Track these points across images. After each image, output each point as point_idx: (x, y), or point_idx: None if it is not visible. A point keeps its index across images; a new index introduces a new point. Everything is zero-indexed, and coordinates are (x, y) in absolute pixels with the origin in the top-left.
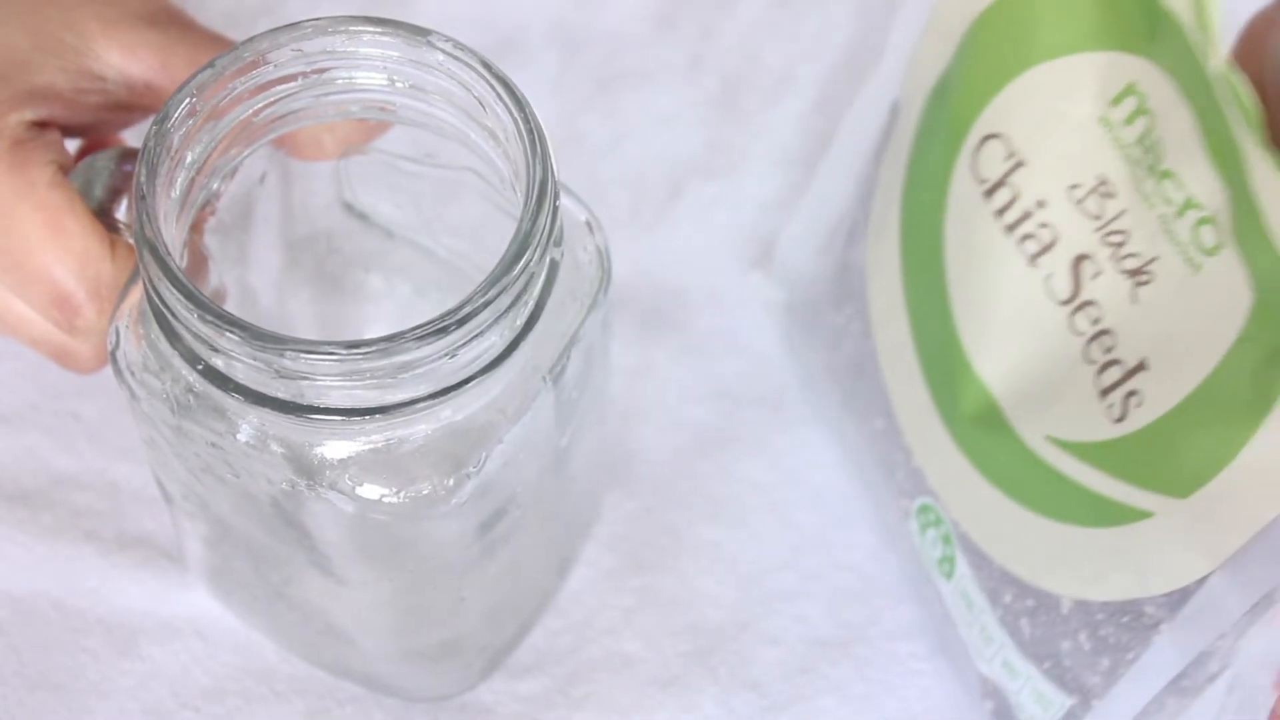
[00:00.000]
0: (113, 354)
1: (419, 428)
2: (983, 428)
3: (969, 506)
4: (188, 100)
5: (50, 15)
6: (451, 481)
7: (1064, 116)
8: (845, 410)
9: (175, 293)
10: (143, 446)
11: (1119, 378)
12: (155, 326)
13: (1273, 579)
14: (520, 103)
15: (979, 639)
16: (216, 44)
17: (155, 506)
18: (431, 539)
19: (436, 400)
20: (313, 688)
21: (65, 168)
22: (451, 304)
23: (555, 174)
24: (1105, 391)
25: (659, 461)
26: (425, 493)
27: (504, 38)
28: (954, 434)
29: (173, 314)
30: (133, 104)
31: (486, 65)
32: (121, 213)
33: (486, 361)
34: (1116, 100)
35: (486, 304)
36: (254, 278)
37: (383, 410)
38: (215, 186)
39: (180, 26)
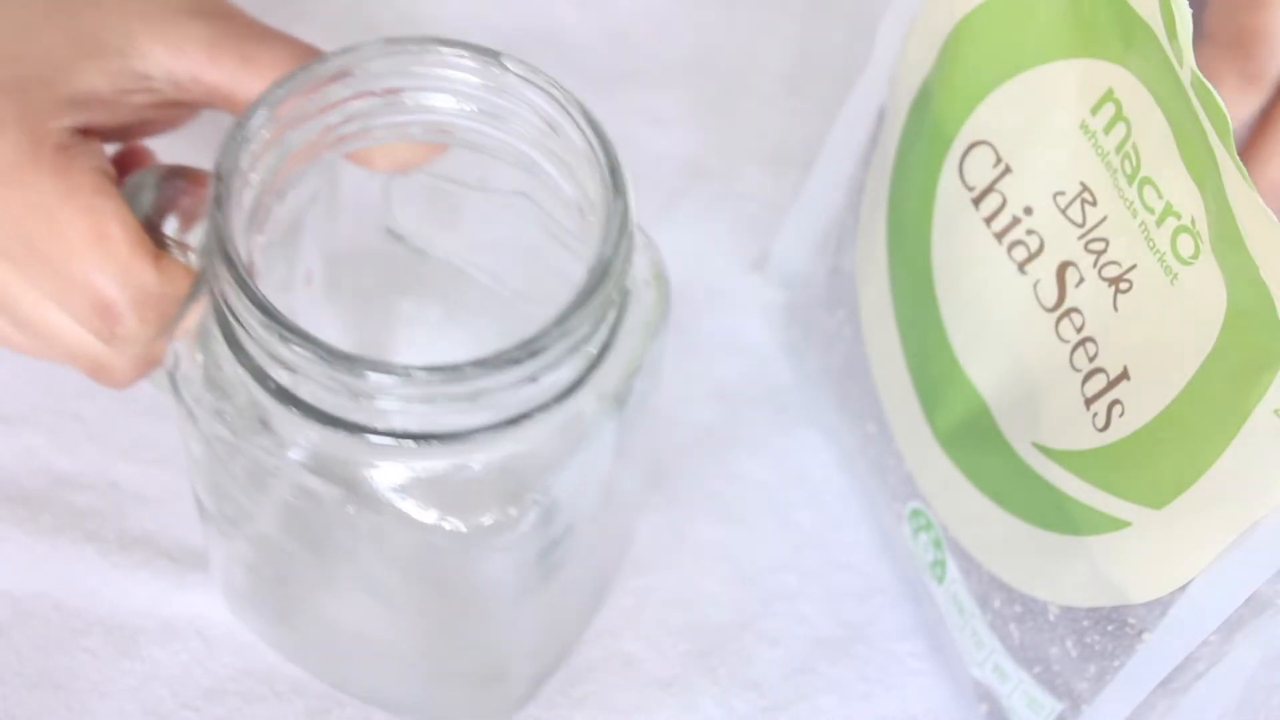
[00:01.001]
0: (171, 374)
1: (483, 454)
2: (971, 433)
3: (957, 512)
4: (264, 112)
5: (90, 17)
6: (515, 510)
7: (1047, 124)
8: (840, 413)
9: (253, 310)
10: (189, 465)
11: (1103, 387)
12: (215, 345)
13: (1249, 588)
14: (596, 128)
15: (970, 643)
16: (264, 35)
17: (156, 506)
18: (488, 567)
19: (505, 428)
20: (313, 689)
21: (109, 175)
22: (483, 328)
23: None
24: (1090, 400)
25: (659, 461)
26: (488, 522)
27: (502, 39)
28: (941, 441)
29: (247, 331)
30: (180, 100)
31: (560, 88)
32: (169, 229)
33: (558, 390)
34: (1096, 108)
35: (564, 334)
36: (295, 293)
37: (449, 436)
38: (273, 204)
39: (225, 18)
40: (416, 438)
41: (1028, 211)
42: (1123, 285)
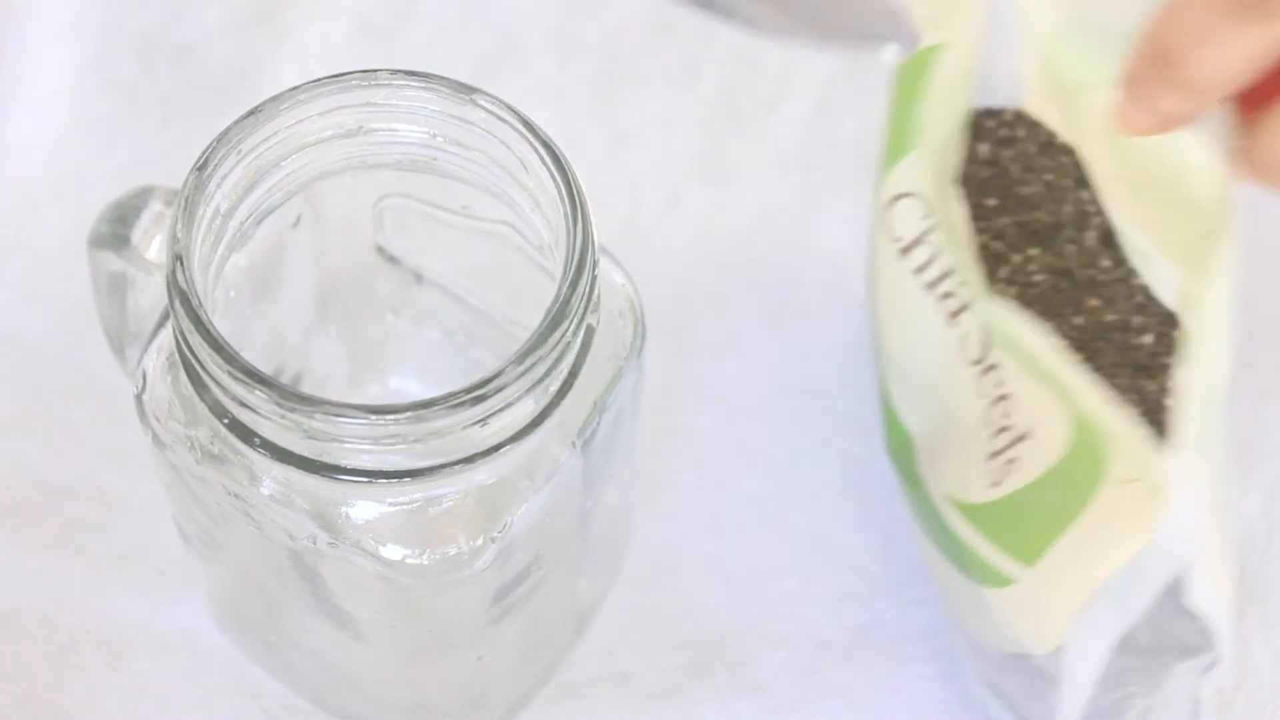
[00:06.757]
0: (139, 397)
1: (446, 491)
2: (907, 472)
3: (920, 539)
4: (227, 148)
5: None
6: (478, 543)
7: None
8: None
9: (207, 347)
10: (163, 489)
11: (1007, 444)
12: (184, 373)
13: (1109, 640)
14: (564, 168)
15: (965, 660)
16: None
17: (146, 517)
18: (452, 601)
19: (465, 466)
20: (301, 705)
21: None
22: (479, 352)
23: (596, 242)
24: (992, 456)
25: (653, 472)
26: (450, 555)
27: (501, 42)
28: (894, 467)
29: (202, 366)
30: None
31: (529, 127)
32: (153, 253)
33: (518, 428)
34: None
35: (521, 374)
36: (283, 315)
37: (411, 474)
38: (249, 231)
39: None
40: (378, 475)
41: (961, 264)
42: None
